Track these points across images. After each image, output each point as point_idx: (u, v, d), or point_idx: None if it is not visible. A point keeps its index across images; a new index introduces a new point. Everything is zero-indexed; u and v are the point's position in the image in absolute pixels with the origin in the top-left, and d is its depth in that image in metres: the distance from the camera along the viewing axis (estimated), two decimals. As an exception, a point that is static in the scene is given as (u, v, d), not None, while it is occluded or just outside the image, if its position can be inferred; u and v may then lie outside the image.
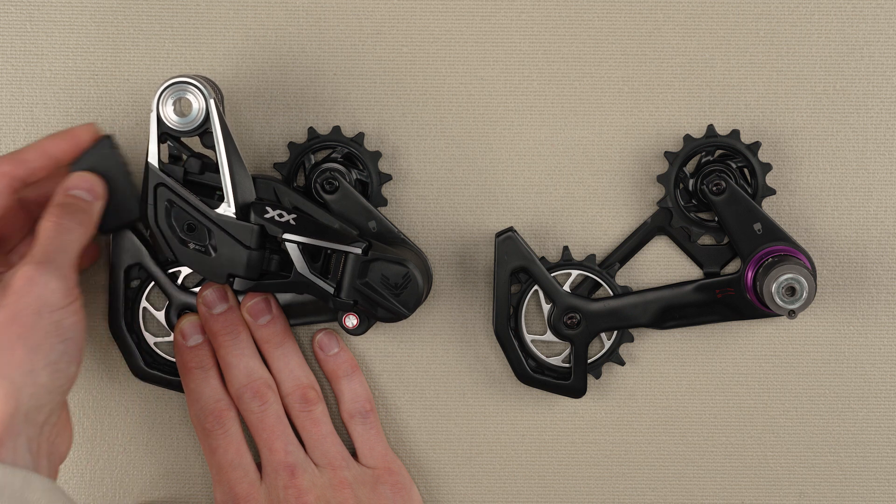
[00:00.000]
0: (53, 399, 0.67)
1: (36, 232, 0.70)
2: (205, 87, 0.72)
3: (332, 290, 0.74)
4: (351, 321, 0.77)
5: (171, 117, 0.73)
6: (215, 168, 0.74)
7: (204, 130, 0.73)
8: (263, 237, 0.74)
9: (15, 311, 0.66)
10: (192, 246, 0.74)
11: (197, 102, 0.73)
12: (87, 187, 0.73)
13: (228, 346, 0.78)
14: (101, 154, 0.74)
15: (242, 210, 0.74)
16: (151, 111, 0.73)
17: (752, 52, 0.80)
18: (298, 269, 0.74)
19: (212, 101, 0.72)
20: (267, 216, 0.73)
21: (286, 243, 0.74)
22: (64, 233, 0.70)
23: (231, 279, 0.74)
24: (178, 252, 0.74)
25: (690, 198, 0.80)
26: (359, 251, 0.73)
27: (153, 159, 0.73)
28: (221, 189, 0.74)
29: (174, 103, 0.73)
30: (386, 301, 0.74)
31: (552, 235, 0.81)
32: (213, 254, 0.73)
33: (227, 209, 0.74)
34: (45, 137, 0.74)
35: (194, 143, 0.76)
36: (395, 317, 0.75)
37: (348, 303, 0.74)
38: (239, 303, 0.79)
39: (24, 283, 0.67)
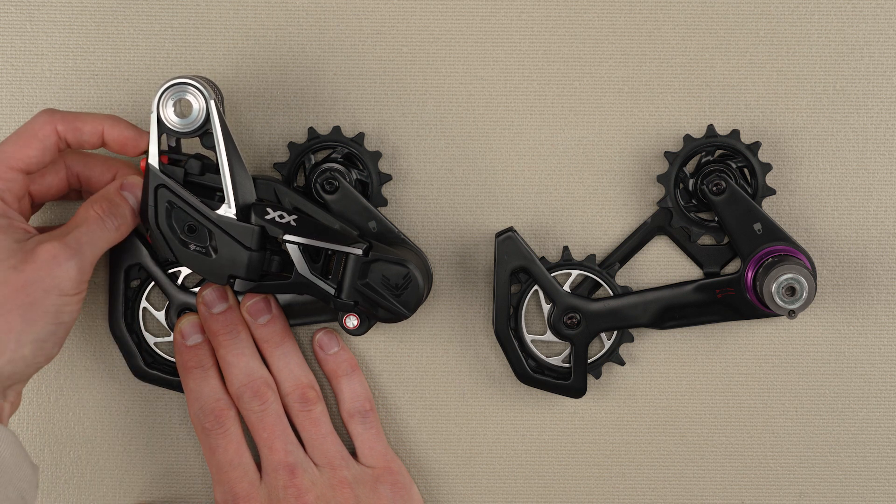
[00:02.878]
0: (27, 372, 0.69)
1: (76, 214, 0.72)
2: (205, 87, 0.72)
3: (332, 291, 0.74)
4: (351, 322, 0.77)
5: (171, 118, 0.73)
6: (216, 169, 0.74)
7: (204, 131, 0.73)
8: (264, 238, 0.74)
9: (28, 281, 0.68)
10: (192, 247, 0.74)
11: (197, 103, 0.72)
12: (138, 195, 0.74)
13: (228, 345, 0.78)
14: None
15: (243, 211, 0.74)
16: (152, 112, 0.73)
17: (752, 52, 0.80)
18: (299, 270, 0.74)
19: (212, 102, 0.72)
20: (267, 217, 0.73)
21: (287, 244, 0.74)
22: (102, 229, 0.72)
23: (231, 280, 0.74)
24: (179, 253, 0.74)
25: (690, 198, 0.80)
26: (359, 252, 0.73)
27: (153, 160, 0.73)
28: (222, 190, 0.74)
29: (174, 104, 0.73)
30: (386, 301, 0.74)
31: (552, 235, 0.81)
32: (213, 255, 0.73)
33: (228, 210, 0.73)
34: (106, 116, 0.74)
35: (194, 144, 0.76)
36: (395, 317, 0.75)
37: (349, 303, 0.74)
38: (239, 302, 0.79)
39: (48, 259, 0.68)
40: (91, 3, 0.79)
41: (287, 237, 0.73)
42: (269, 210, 0.74)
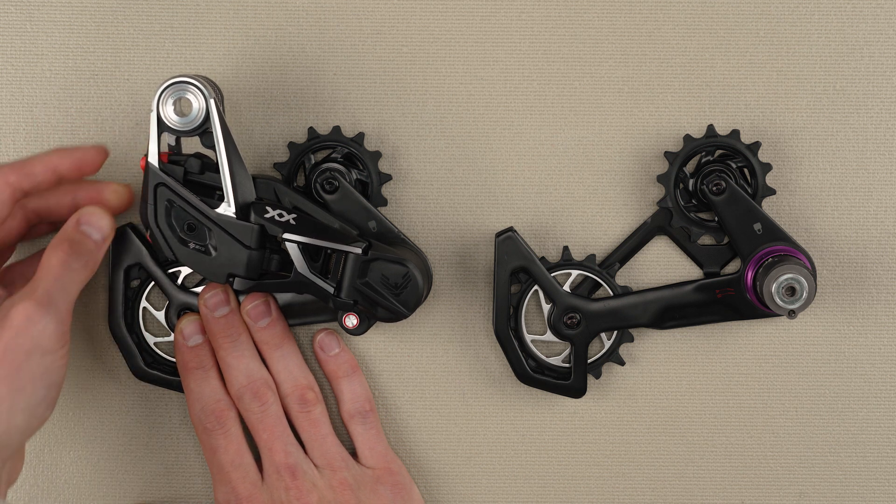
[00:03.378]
0: (22, 440, 0.67)
1: (41, 264, 0.70)
2: (205, 86, 0.72)
3: (332, 290, 0.74)
4: (351, 321, 0.77)
5: (171, 117, 0.73)
6: (215, 168, 0.74)
7: (204, 130, 0.73)
8: (263, 237, 0.74)
9: (6, 348, 0.66)
10: (191, 246, 0.74)
11: (197, 102, 0.73)
12: (98, 225, 0.73)
13: (228, 347, 0.78)
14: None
15: (242, 210, 0.74)
16: (151, 111, 0.72)
17: (752, 52, 0.80)
18: (298, 269, 0.74)
19: (212, 101, 0.72)
20: (267, 216, 0.73)
21: (286, 243, 0.74)
22: (68, 273, 0.70)
23: (231, 279, 0.74)
24: (178, 252, 0.74)
25: (690, 198, 0.80)
26: (359, 251, 0.73)
27: (153, 159, 0.73)
28: (221, 189, 0.74)
29: (174, 103, 0.73)
30: (386, 301, 0.74)
31: (552, 235, 0.81)
32: (213, 253, 0.73)
33: (228, 209, 0.74)
34: (53, 151, 0.73)
35: (194, 143, 0.76)
36: (395, 317, 0.75)
37: (348, 303, 0.74)
38: (239, 304, 0.79)
39: (23, 322, 0.66)
40: (91, 3, 0.79)
41: (286, 236, 0.73)
42: (268, 209, 0.74)
